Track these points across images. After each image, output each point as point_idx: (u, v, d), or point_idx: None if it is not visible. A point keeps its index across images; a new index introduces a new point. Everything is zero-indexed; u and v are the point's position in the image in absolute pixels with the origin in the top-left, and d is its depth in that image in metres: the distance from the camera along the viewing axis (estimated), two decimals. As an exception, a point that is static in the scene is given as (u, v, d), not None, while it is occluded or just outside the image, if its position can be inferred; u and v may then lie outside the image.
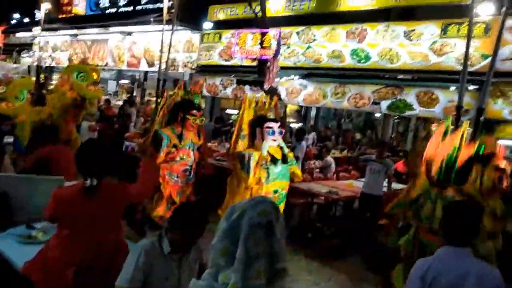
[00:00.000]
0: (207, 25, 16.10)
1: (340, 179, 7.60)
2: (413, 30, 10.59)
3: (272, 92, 9.93)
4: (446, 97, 10.00)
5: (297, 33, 12.80)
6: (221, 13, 15.19)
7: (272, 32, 11.22)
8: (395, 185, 6.11)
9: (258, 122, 4.49)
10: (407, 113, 10.82)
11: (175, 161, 4.65)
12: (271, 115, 4.68)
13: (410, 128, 12.50)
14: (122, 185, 2.67)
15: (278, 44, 9.57)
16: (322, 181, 7.08)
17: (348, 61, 11.71)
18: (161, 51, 15.10)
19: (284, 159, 4.42)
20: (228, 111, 15.83)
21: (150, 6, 18.52)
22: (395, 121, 14.57)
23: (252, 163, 4.23)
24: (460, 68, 8.68)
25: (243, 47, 11.94)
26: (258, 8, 11.35)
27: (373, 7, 11.54)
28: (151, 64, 17.36)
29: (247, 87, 13.36)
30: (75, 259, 2.35)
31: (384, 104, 11.01)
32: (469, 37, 7.97)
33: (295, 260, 5.13)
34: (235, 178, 4.52)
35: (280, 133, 4.44)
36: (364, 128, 16.13)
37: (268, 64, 10.03)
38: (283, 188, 4.49)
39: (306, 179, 7.13)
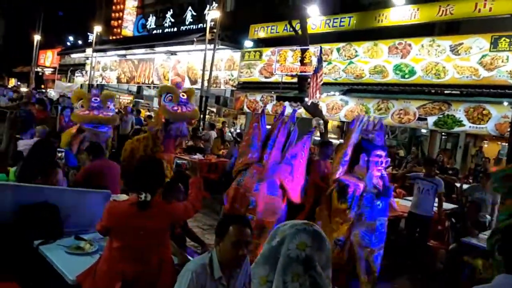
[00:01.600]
0: (248, 43, 16.40)
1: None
2: (460, 44, 10.20)
3: (314, 108, 9.87)
4: (499, 112, 9.45)
5: (338, 49, 12.72)
6: (261, 31, 15.44)
7: (312, 48, 11.22)
8: (446, 205, 5.79)
9: (366, 149, 3.88)
10: (456, 129, 10.33)
11: None
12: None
13: (459, 144, 11.87)
14: (171, 203, 2.72)
15: (319, 61, 9.53)
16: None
17: (391, 76, 11.43)
18: (203, 69, 15.57)
19: (386, 192, 3.85)
20: (268, 127, 15.84)
21: (193, 26, 19.23)
22: (443, 137, 13.94)
23: (358, 196, 3.71)
24: (513, 82, 8.23)
25: (284, 64, 12.03)
26: (298, 26, 11.43)
27: (417, 22, 11.25)
28: (194, 82, 17.88)
29: (286, 103, 13.36)
30: (123, 272, 2.40)
31: (431, 120, 10.59)
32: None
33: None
34: (325, 209, 3.94)
35: (387, 163, 3.94)
36: (409, 145, 15.54)
37: (309, 80, 9.99)
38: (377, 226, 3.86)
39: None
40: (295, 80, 12.13)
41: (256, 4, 16.49)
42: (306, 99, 9.80)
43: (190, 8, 19.95)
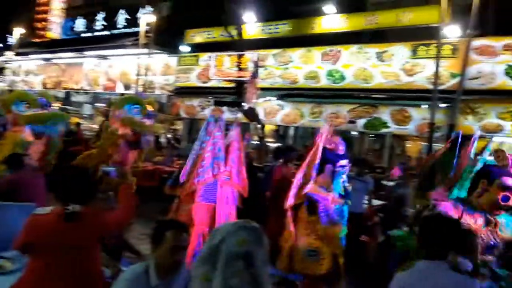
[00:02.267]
0: (184, 48, 16.20)
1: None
2: (385, 52, 10.97)
3: (251, 113, 10.01)
4: (419, 114, 10.30)
5: (273, 55, 13.04)
6: (197, 36, 15.34)
7: (249, 54, 11.40)
8: (374, 201, 6.16)
9: (331, 160, 3.87)
10: (383, 130, 11.06)
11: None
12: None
13: (385, 145, 12.75)
14: (102, 213, 2.53)
15: (256, 66, 9.71)
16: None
17: (324, 82, 11.96)
18: (137, 74, 15.09)
19: (347, 197, 3.96)
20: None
21: (127, 30, 18.55)
22: (371, 138, 14.84)
23: (328, 208, 3.74)
24: (430, 87, 9.02)
25: (221, 69, 12.06)
26: (234, 32, 11.55)
27: (346, 30, 11.93)
28: (127, 87, 17.24)
29: (225, 108, 13.41)
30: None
31: (360, 122, 11.24)
32: (438, 58, 8.33)
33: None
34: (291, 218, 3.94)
35: (348, 170, 4.01)
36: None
37: (246, 85, 10.12)
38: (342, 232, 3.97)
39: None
40: (232, 85, 12.21)
41: (192, 9, 16.37)
42: (244, 104, 9.92)
43: (122, 11, 19.24)
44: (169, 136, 14.10)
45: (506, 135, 9.35)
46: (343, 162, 3.87)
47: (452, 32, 10.45)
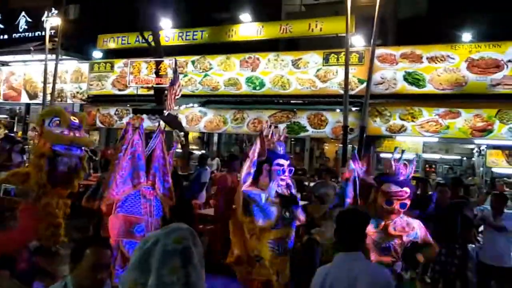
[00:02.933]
0: (97, 54, 15.33)
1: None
2: (299, 59, 11.53)
3: (172, 120, 9.79)
4: (334, 118, 11.00)
5: (192, 62, 12.95)
6: (111, 42, 14.63)
7: (167, 61, 11.17)
8: (302, 202, 6.41)
9: (267, 158, 3.80)
10: (302, 134, 11.60)
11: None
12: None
13: (305, 148, 13.38)
14: None
15: (175, 73, 9.54)
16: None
17: (244, 88, 12.19)
18: (44, 82, 13.89)
19: (293, 201, 3.84)
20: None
21: (29, 34, 16.97)
22: (292, 142, 15.47)
23: (260, 206, 3.62)
24: (342, 92, 9.68)
25: (138, 76, 11.62)
26: (151, 38, 11.23)
27: (262, 38, 12.31)
28: (33, 96, 15.78)
29: (144, 116, 12.94)
30: None
31: (281, 127, 11.62)
32: (346, 65, 8.99)
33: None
34: (235, 224, 3.83)
35: (290, 171, 3.91)
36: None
37: (166, 92, 9.89)
38: (289, 235, 3.80)
39: (212, 204, 7.07)
40: (151, 92, 11.84)
41: (103, 12, 15.56)
42: (165, 111, 9.67)
43: (23, 13, 17.56)
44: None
45: (408, 135, 10.41)
46: (281, 161, 3.80)
47: (358, 41, 11.39)
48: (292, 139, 14.92)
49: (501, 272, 4.61)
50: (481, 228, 5.22)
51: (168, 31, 13.36)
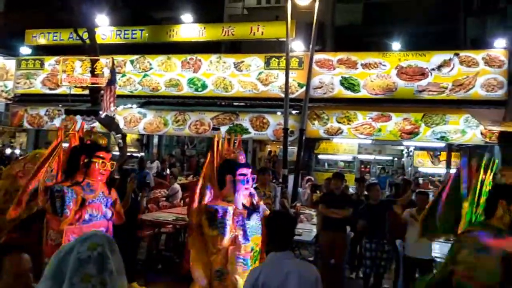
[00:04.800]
0: (25, 50, 14.27)
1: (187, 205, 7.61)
2: (242, 62, 11.62)
3: (109, 121, 9.38)
4: (275, 121, 11.23)
5: (131, 61, 12.52)
6: (41, 38, 13.67)
7: (104, 60, 10.67)
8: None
9: (229, 169, 3.68)
10: (244, 136, 11.67)
11: (84, 221, 3.30)
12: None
13: (248, 150, 13.50)
14: None
15: (112, 72, 9.14)
16: (169, 209, 6.95)
17: (186, 90, 12.02)
18: (-38, 78, 12.64)
19: (255, 208, 3.72)
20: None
21: None
22: (235, 144, 15.54)
23: (229, 220, 3.44)
24: (283, 95, 9.92)
25: (71, 74, 10.97)
26: (86, 35, 10.67)
27: (204, 40, 12.23)
28: (-52, 94, 14.27)
29: (78, 117, 12.26)
30: None
31: (223, 129, 11.64)
32: (287, 69, 9.23)
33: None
34: (197, 239, 3.59)
35: (253, 180, 3.79)
36: (207, 153, 16.59)
37: (102, 92, 9.44)
38: (258, 243, 3.66)
39: (152, 209, 6.89)
40: (86, 92, 11.23)
41: (32, 6, 14.51)
42: (101, 112, 9.23)
43: None
44: (10, 151, 12.19)
45: (344, 137, 10.92)
46: (244, 170, 3.69)
47: (298, 46, 11.75)
48: (235, 141, 14.98)
49: (423, 264, 5.03)
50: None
51: (105, 28, 12.78)
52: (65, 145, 3.62)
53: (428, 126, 10.18)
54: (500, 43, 10.18)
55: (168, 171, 10.81)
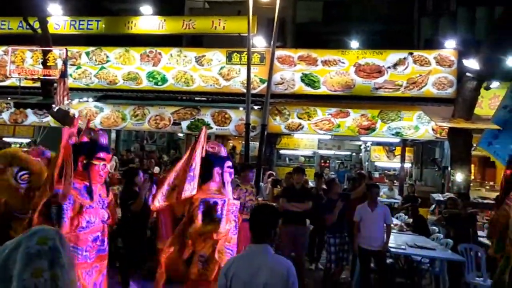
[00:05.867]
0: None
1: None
2: (203, 56, 11.49)
3: (63, 115, 8.97)
4: (237, 116, 11.21)
5: (87, 53, 12.02)
6: (-12, 25, 12.79)
7: (57, 50, 10.17)
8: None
9: (217, 162, 3.74)
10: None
11: (81, 228, 3.06)
12: None
13: (209, 145, 13.39)
14: None
15: (65, 64, 8.73)
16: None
17: (145, 83, 11.72)
18: None
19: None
20: (6, 139, 13.33)
21: None
22: (197, 139, 15.35)
23: (225, 212, 3.47)
24: (245, 90, 9.91)
25: (21, 65, 10.38)
26: (37, 24, 10.10)
27: (164, 32, 11.95)
28: None
29: (29, 111, 11.62)
30: None
31: (184, 124, 11.48)
32: (248, 65, 9.22)
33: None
34: (182, 234, 3.54)
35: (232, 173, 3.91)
36: (168, 148, 16.35)
37: (55, 85, 9.00)
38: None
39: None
40: (38, 84, 10.67)
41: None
42: (54, 106, 8.80)
43: None
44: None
45: (304, 132, 11.10)
46: (229, 163, 3.82)
47: (260, 42, 11.77)
48: (196, 136, 14.80)
49: (377, 254, 5.26)
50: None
51: (58, 18, 12.15)
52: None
53: (384, 122, 10.57)
54: (450, 43, 10.75)
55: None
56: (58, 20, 12.15)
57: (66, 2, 12.30)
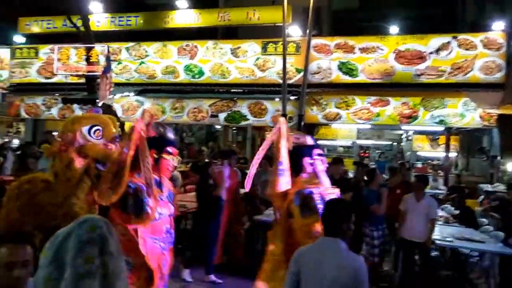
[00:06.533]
0: (19, 38, 14.09)
1: (187, 191, 7.62)
2: (238, 48, 11.51)
3: (107, 110, 9.32)
4: (273, 107, 11.17)
5: (127, 48, 12.37)
6: (35, 26, 13.48)
7: (99, 47, 10.56)
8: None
9: (306, 152, 3.57)
10: (243, 123, 11.65)
11: (155, 220, 3.11)
12: None
13: (247, 137, 13.46)
14: None
15: (108, 60, 9.04)
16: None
17: (183, 77, 11.92)
18: (-44, 68, 12.50)
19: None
20: (56, 133, 14.08)
21: None
22: (234, 131, 15.48)
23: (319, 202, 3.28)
24: (281, 81, 9.86)
25: (67, 63, 10.86)
26: (80, 22, 10.53)
27: (200, 25, 12.09)
28: None
29: (75, 106, 12.18)
30: None
31: (222, 116, 11.60)
32: (284, 55, 9.15)
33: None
34: (279, 228, 3.41)
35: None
36: (206, 140, 16.63)
37: (98, 80, 9.36)
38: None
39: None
40: (82, 80, 11.15)
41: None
42: (98, 100, 9.16)
43: None
44: (9, 141, 12.11)
45: (342, 122, 10.90)
46: (318, 150, 3.63)
47: (295, 31, 11.63)
48: (234, 128, 14.94)
49: (420, 246, 5.12)
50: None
51: (99, 15, 12.60)
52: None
53: (427, 110, 10.16)
54: (498, 25, 10.10)
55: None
56: (99, 17, 12.59)
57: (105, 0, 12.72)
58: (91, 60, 10.38)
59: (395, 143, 15.91)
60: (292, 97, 10.54)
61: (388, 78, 10.33)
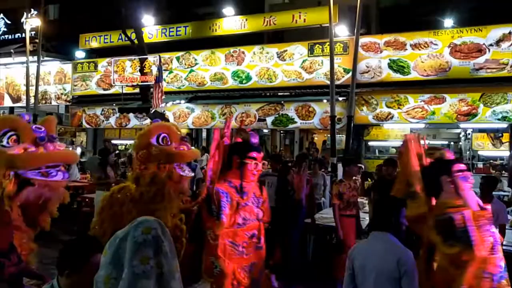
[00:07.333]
0: (80, 54, 15.13)
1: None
2: (285, 51, 11.52)
3: (160, 117, 9.73)
4: (321, 108, 11.04)
5: (177, 58, 12.85)
6: (93, 41, 14.42)
7: (151, 58, 11.07)
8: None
9: (442, 169, 2.96)
10: (290, 126, 11.63)
11: (238, 225, 3.21)
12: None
13: (295, 139, 13.40)
14: None
15: (160, 70, 9.46)
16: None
17: (231, 83, 12.15)
18: (27, 84, 13.67)
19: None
20: (114, 141, 14.91)
21: (9, 36, 16.65)
22: (281, 134, 15.49)
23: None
24: (328, 82, 9.71)
25: (122, 74, 11.50)
26: (134, 36, 11.11)
27: (246, 31, 12.26)
28: (16, 99, 15.53)
29: (131, 115, 12.83)
30: None
31: (269, 120, 11.66)
32: (331, 55, 9.01)
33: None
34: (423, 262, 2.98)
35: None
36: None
37: (151, 90, 9.82)
38: None
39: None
40: (137, 90, 11.74)
41: (83, 12, 15.32)
42: (151, 109, 9.61)
43: (1, 15, 17.18)
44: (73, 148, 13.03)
45: (395, 122, 10.51)
46: (459, 166, 2.97)
47: (342, 31, 11.42)
48: (281, 132, 14.94)
49: None
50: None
51: (150, 28, 13.21)
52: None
53: (487, 106, 9.51)
54: None
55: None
56: (151, 29, 13.20)
57: (157, 12, 13.31)
58: (144, 71, 10.91)
59: (452, 143, 15.02)
60: (340, 98, 10.35)
61: (443, 74, 9.82)
